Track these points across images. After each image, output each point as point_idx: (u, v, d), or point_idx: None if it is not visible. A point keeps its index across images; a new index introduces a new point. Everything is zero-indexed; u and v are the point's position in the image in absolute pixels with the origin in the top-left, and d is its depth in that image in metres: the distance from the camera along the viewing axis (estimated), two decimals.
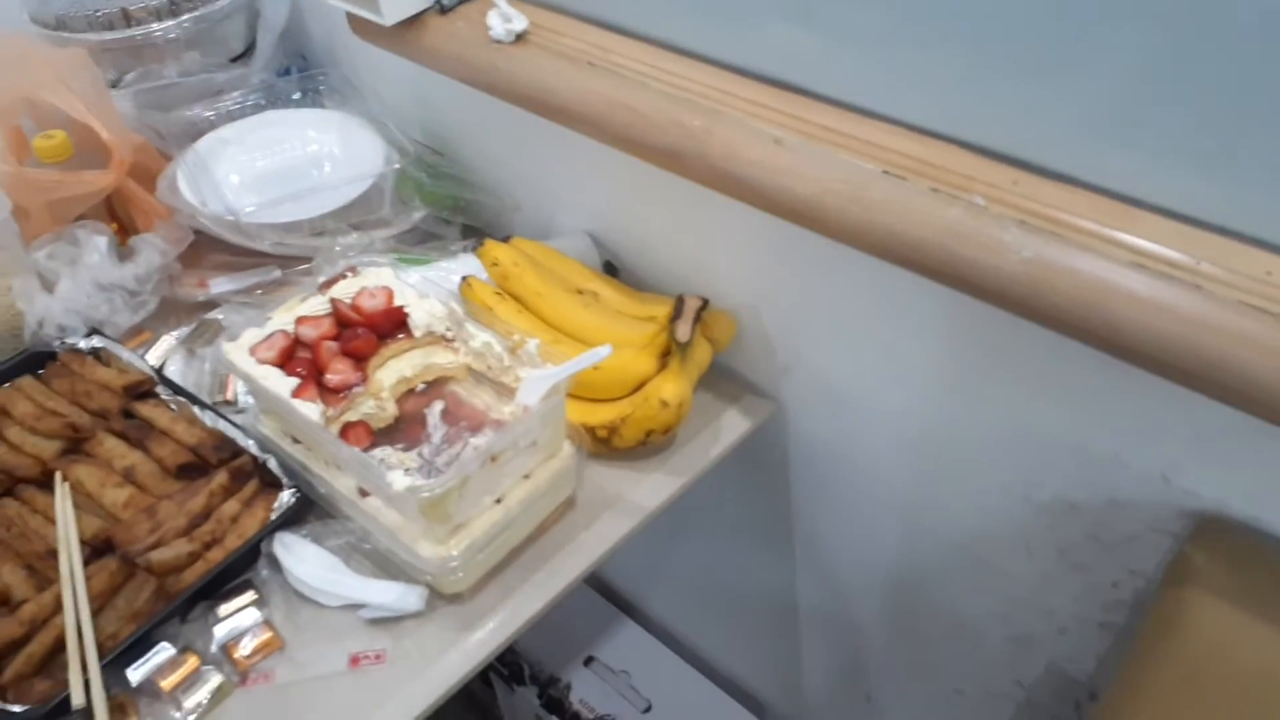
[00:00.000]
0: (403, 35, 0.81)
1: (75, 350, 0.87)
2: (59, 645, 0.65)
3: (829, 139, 0.62)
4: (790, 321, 0.81)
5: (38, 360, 0.87)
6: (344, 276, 0.79)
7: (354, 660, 0.67)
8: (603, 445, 0.80)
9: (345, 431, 0.70)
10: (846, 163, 0.60)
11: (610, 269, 0.95)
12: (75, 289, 0.88)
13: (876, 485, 0.84)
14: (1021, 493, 0.72)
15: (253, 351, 0.72)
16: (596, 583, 1.36)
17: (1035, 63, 0.54)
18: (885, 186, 0.59)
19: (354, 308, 0.75)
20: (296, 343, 0.73)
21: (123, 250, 0.92)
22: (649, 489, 0.79)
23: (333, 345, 0.73)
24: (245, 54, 1.04)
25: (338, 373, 0.71)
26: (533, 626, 0.71)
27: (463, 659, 0.68)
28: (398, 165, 0.93)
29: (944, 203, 0.57)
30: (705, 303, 0.78)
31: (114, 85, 0.99)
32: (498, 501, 0.70)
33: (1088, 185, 0.56)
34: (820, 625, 1.04)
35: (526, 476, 0.72)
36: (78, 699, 0.61)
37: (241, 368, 0.71)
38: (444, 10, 0.78)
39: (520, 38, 0.75)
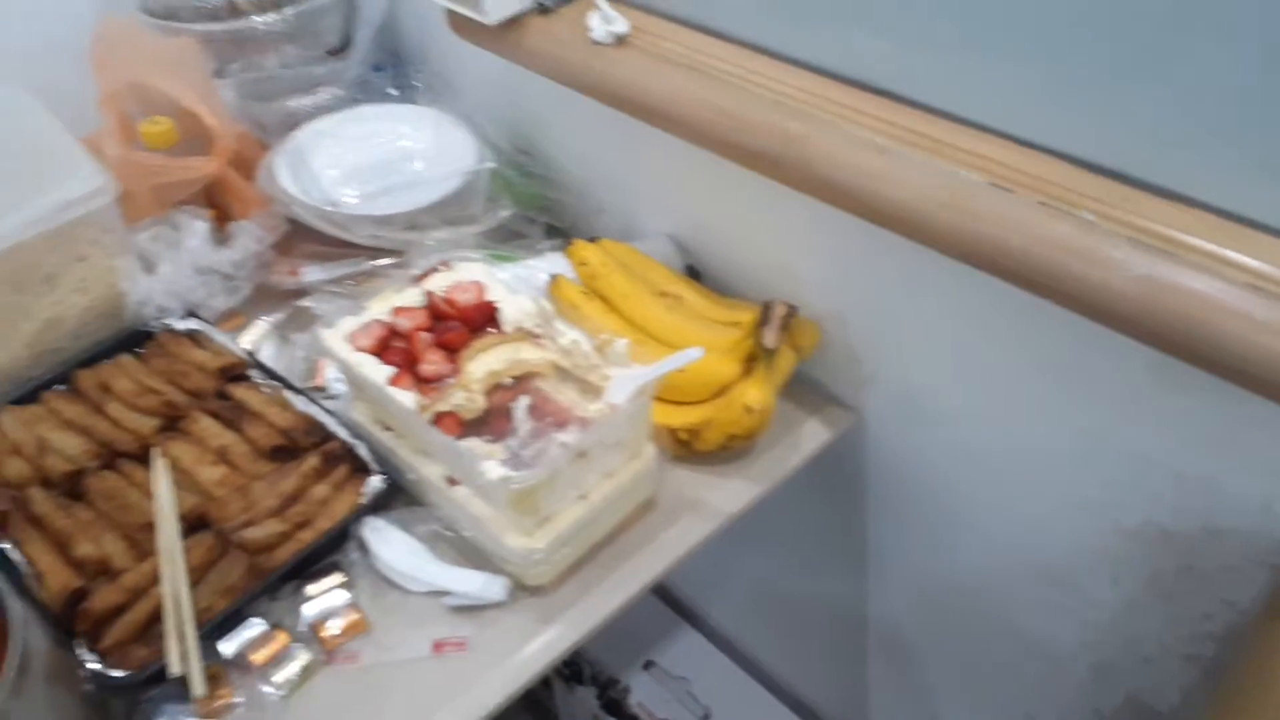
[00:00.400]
0: (503, 35, 0.83)
1: (173, 331, 0.90)
2: (156, 614, 0.67)
3: (933, 148, 0.62)
4: (877, 332, 0.81)
5: (136, 339, 0.90)
6: (437, 270, 0.80)
7: (438, 646, 0.68)
8: (683, 448, 0.81)
9: (437, 421, 0.71)
10: (952, 173, 0.60)
11: (693, 273, 0.95)
12: (175, 272, 0.91)
13: (958, 502, 0.83)
14: (1111, 517, 0.71)
15: (350, 339, 0.74)
16: (659, 588, 1.36)
17: (1145, 77, 0.54)
18: (993, 198, 0.58)
19: (448, 301, 0.77)
20: (392, 332, 0.75)
21: (220, 236, 0.95)
22: (729, 494, 0.79)
23: (427, 336, 0.75)
24: (340, 48, 1.06)
25: (431, 363, 0.73)
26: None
27: (543, 650, 0.69)
28: (490, 164, 0.95)
29: (1053, 217, 0.57)
30: (793, 309, 0.78)
31: (216, 75, 1.02)
32: (582, 497, 0.71)
33: (1201, 204, 0.55)
34: (888, 641, 1.03)
35: (610, 475, 0.73)
36: (175, 668, 0.63)
37: (339, 354, 0.73)
38: (545, 11, 0.80)
39: (620, 40, 0.76)
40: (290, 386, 0.83)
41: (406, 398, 0.69)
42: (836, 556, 1.02)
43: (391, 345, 0.75)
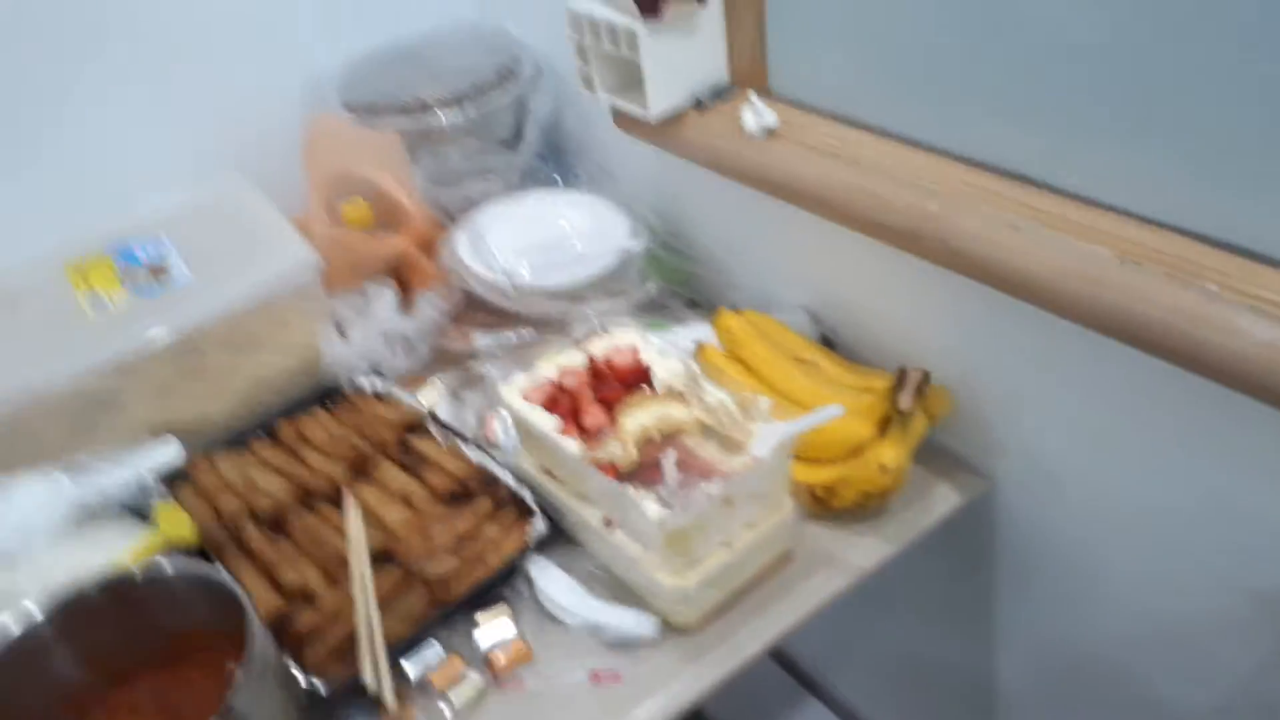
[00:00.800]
0: (662, 130, 0.92)
1: (360, 389, 1.01)
2: (349, 637, 0.76)
3: (1065, 227, 0.67)
4: (1008, 400, 0.85)
5: (329, 395, 1.01)
6: (597, 335, 0.89)
7: (595, 676, 0.75)
8: (819, 505, 0.86)
9: (597, 467, 0.78)
10: (1083, 248, 0.65)
11: (827, 343, 1.01)
12: (365, 337, 1.03)
13: (1091, 570, 0.85)
14: (1243, 580, 0.72)
15: (523, 392, 0.83)
16: (781, 656, 1.38)
17: (1260, 161, 0.58)
18: (1121, 270, 0.63)
19: (607, 362, 0.85)
20: (559, 388, 0.83)
21: (404, 305, 1.06)
22: (863, 551, 0.84)
23: (589, 393, 0.83)
24: (512, 140, 1.19)
25: (593, 417, 0.81)
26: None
27: (690, 686, 0.74)
28: (642, 243, 1.04)
29: (1179, 287, 0.61)
30: (928, 375, 0.83)
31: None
32: (726, 544, 0.77)
33: None
34: (1018, 710, 1.03)
35: (752, 525, 0.79)
36: (370, 683, 0.72)
37: (513, 405, 0.82)
38: (702, 108, 0.89)
39: (771, 133, 0.84)
40: (464, 438, 0.93)
41: (571, 445, 0.77)
42: (964, 623, 1.03)
43: (558, 400, 0.83)
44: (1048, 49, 0.66)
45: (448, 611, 0.78)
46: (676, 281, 1.09)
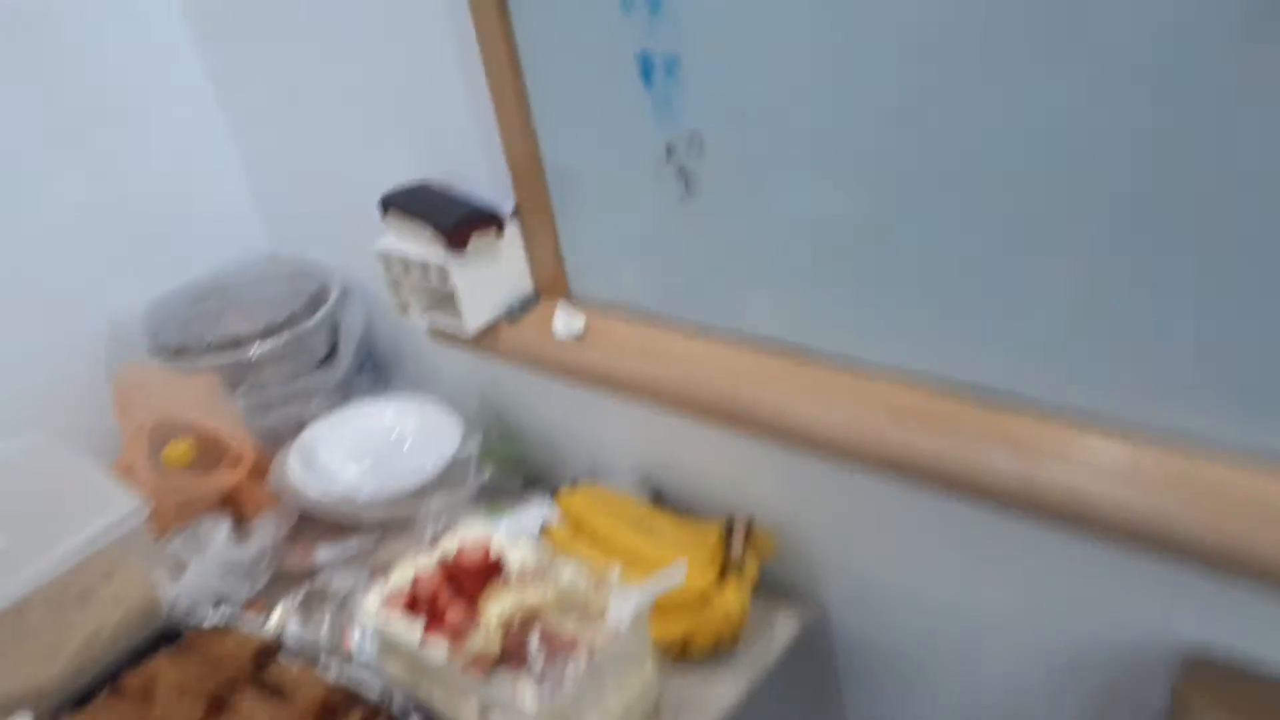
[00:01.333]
0: (479, 341, 1.01)
1: (204, 624, 1.00)
2: None
3: (841, 392, 0.80)
4: (827, 533, 0.96)
5: (171, 636, 0.99)
6: (445, 534, 0.94)
7: None
8: (677, 655, 0.93)
9: (466, 665, 0.82)
10: (859, 410, 0.78)
11: (658, 498, 1.10)
12: (203, 571, 1.02)
13: (920, 672, 0.96)
14: (1043, 659, 0.85)
15: (382, 605, 0.86)
16: None
17: (988, 307, 0.73)
18: (892, 426, 0.76)
19: (459, 559, 0.90)
20: (417, 594, 0.87)
21: (239, 533, 1.07)
22: (723, 689, 0.91)
23: (447, 593, 0.87)
24: (327, 357, 1.24)
25: (454, 616, 0.85)
26: None
27: None
28: (472, 435, 1.11)
29: (941, 436, 0.74)
30: (752, 522, 0.93)
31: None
32: (601, 711, 0.82)
33: (1052, 408, 0.73)
34: None
35: (620, 688, 0.84)
36: None
37: (375, 620, 0.85)
38: (513, 319, 0.98)
39: (580, 336, 0.95)
40: (321, 657, 0.93)
41: (438, 650, 0.81)
42: None
43: (417, 604, 0.87)
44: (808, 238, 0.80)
45: None
46: (510, 466, 1.16)
